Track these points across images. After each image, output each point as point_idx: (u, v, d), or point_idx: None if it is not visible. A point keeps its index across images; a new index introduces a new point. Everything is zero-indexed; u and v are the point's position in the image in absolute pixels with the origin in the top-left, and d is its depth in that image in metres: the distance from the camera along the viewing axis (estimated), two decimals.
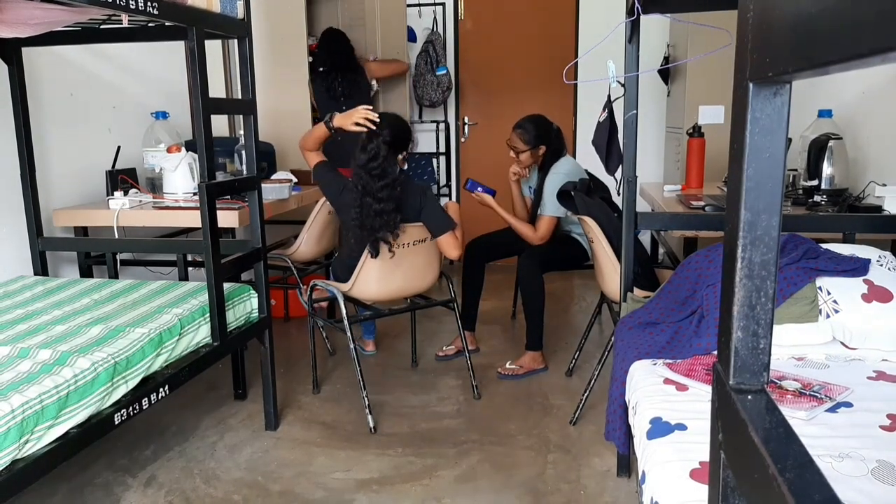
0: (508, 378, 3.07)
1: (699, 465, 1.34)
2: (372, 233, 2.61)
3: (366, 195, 2.59)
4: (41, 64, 2.91)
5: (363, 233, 2.63)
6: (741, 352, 0.65)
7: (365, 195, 2.59)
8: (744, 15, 0.60)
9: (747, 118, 0.60)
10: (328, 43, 4.19)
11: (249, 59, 2.39)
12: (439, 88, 4.99)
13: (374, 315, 3.01)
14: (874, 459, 1.34)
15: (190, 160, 3.05)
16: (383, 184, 2.58)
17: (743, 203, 0.61)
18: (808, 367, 1.83)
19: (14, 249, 2.78)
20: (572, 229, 3.25)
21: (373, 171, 2.59)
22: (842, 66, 0.43)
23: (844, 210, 2.65)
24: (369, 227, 2.61)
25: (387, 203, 2.58)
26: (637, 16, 2.06)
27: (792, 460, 0.53)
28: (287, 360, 3.30)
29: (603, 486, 2.20)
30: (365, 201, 2.59)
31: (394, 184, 2.60)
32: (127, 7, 1.77)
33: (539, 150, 3.18)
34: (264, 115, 3.10)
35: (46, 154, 2.94)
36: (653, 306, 2.15)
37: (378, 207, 2.58)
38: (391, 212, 2.59)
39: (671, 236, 3.64)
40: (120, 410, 1.87)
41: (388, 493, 2.20)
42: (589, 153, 3.26)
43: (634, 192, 2.28)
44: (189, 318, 2.25)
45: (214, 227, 2.24)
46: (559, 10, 5.09)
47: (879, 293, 1.92)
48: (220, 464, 2.38)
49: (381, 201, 2.57)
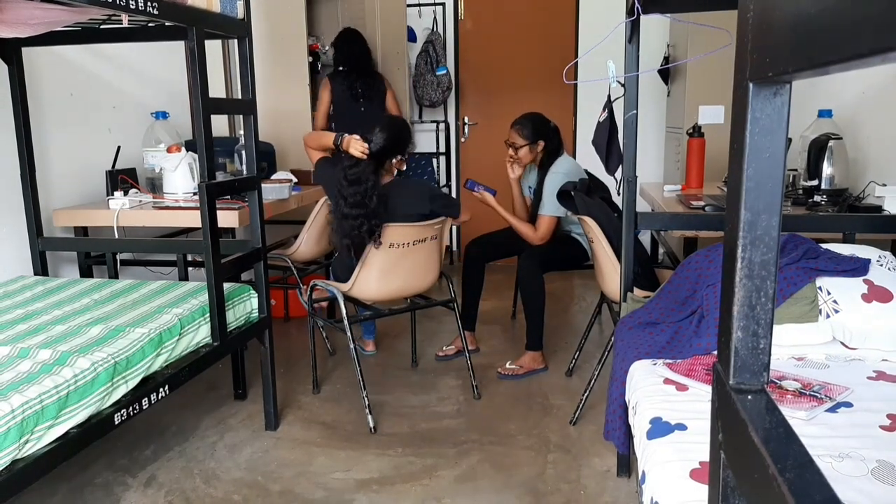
0: (508, 378, 3.07)
1: (699, 465, 1.34)
2: (342, 236, 2.66)
3: (339, 198, 2.65)
4: (41, 64, 2.91)
5: (336, 235, 2.70)
6: (741, 352, 0.65)
7: (339, 197, 2.65)
8: (744, 15, 0.60)
9: (747, 118, 0.60)
10: (348, 44, 4.15)
11: (249, 59, 2.39)
12: (439, 88, 4.99)
13: (374, 315, 3.01)
14: (874, 459, 1.34)
15: (190, 160, 3.05)
16: (354, 190, 2.61)
17: (743, 203, 0.61)
18: (808, 367, 1.83)
19: (14, 249, 2.78)
20: (572, 229, 3.25)
21: (350, 176, 2.64)
22: (842, 66, 0.43)
23: (844, 210, 2.65)
24: (339, 230, 2.66)
25: (356, 209, 2.60)
26: (637, 16, 2.06)
27: (792, 460, 0.53)
28: (287, 360, 3.30)
29: (603, 486, 2.20)
30: (339, 203, 2.65)
31: (366, 192, 2.61)
32: (127, 7, 1.77)
33: (538, 146, 3.18)
34: (264, 115, 3.10)
35: (46, 154, 2.94)
36: (653, 306, 2.15)
37: (346, 212, 2.62)
38: (357, 217, 2.60)
39: (671, 236, 3.64)
40: (120, 410, 1.87)
41: (388, 493, 2.20)
42: (589, 153, 3.26)
43: (634, 192, 2.27)
44: (189, 318, 2.25)
45: (214, 227, 2.24)
46: (559, 10, 5.09)
47: (879, 293, 1.92)
48: (220, 464, 2.38)
49: (352, 206, 2.61)
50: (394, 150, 2.72)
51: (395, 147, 2.72)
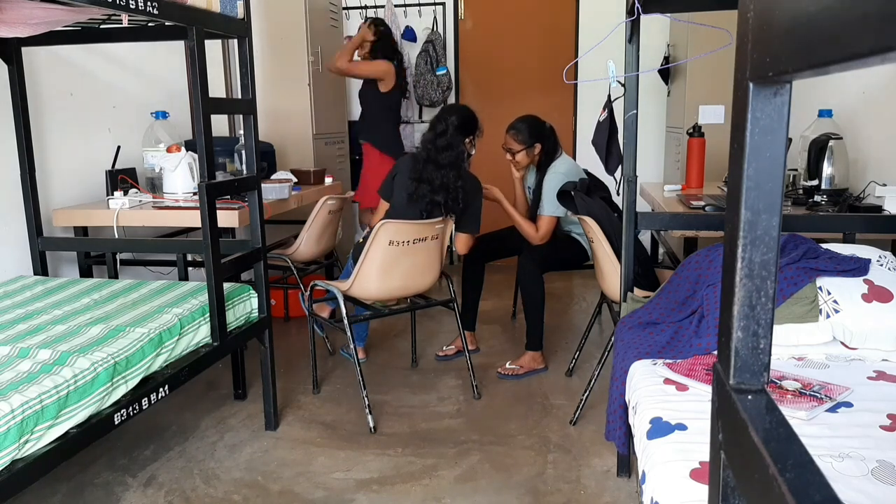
0: (508, 378, 3.07)
1: (699, 465, 1.34)
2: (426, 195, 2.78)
3: (427, 162, 2.80)
4: (41, 64, 2.91)
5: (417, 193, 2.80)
6: (741, 352, 0.64)
7: (427, 162, 2.80)
8: (744, 15, 0.60)
9: (747, 118, 0.60)
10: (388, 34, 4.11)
11: (249, 59, 2.39)
12: (439, 88, 4.99)
13: (373, 315, 3.01)
14: (874, 459, 1.34)
15: (190, 160, 3.05)
16: (448, 154, 2.79)
17: (743, 203, 0.61)
18: (808, 367, 1.83)
19: (14, 249, 2.78)
20: (572, 229, 3.25)
21: (439, 143, 2.81)
22: (842, 66, 0.43)
23: (844, 210, 2.65)
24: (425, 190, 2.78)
25: (448, 170, 2.77)
26: (637, 16, 2.06)
27: (792, 460, 0.53)
28: (287, 360, 3.29)
29: (603, 486, 2.20)
30: (427, 167, 2.80)
31: (458, 155, 2.80)
32: (127, 7, 1.77)
33: (535, 149, 3.18)
34: (264, 115, 3.11)
35: (46, 154, 2.95)
36: (653, 306, 2.15)
37: (440, 174, 2.76)
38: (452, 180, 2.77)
39: (671, 236, 3.64)
40: (120, 410, 1.87)
41: (388, 493, 2.20)
42: (589, 153, 3.26)
43: (634, 192, 2.27)
44: (189, 317, 2.25)
45: (214, 227, 2.24)
46: (559, 10, 5.09)
47: (879, 293, 1.92)
48: (220, 464, 2.38)
49: (442, 167, 2.76)
50: (466, 129, 2.88)
51: (466, 127, 2.89)
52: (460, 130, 2.86)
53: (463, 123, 2.87)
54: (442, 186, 2.77)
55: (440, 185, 2.77)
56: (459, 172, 2.80)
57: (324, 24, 4.44)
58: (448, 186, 2.76)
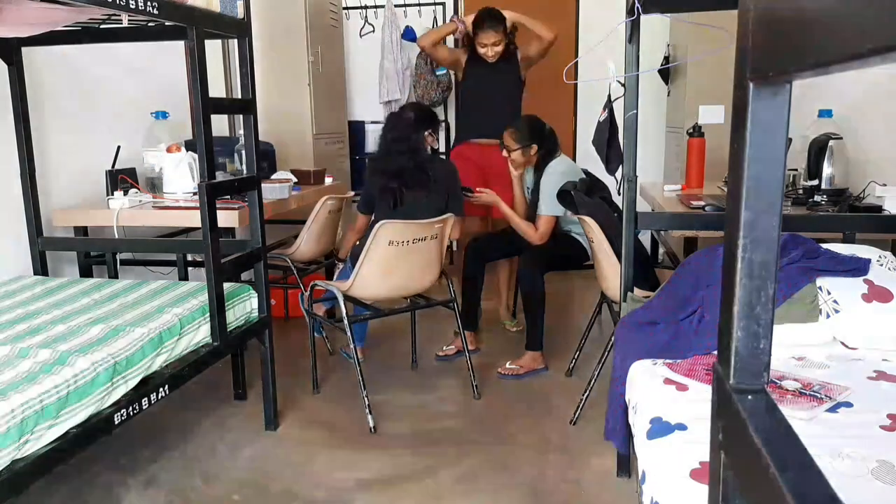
0: (508, 378, 3.07)
1: (699, 465, 1.34)
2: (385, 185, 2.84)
3: (384, 156, 2.92)
4: (41, 64, 2.91)
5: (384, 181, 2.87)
6: (741, 352, 0.64)
7: (385, 156, 2.92)
8: (744, 15, 0.60)
9: (747, 118, 0.60)
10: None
11: (249, 59, 2.39)
12: (439, 88, 4.99)
13: (373, 315, 3.01)
14: (874, 459, 1.34)
15: (190, 160, 3.05)
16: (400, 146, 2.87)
17: (743, 203, 0.61)
18: (808, 367, 1.83)
19: (14, 249, 2.78)
20: (572, 229, 3.25)
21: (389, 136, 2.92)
22: (842, 66, 0.43)
23: (844, 210, 2.65)
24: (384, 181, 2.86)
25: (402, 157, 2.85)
26: (637, 16, 2.06)
27: (792, 460, 0.53)
28: (287, 360, 3.29)
29: (603, 486, 2.20)
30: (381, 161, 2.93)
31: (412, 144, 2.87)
32: (127, 7, 1.77)
33: (531, 150, 3.18)
34: (264, 115, 3.11)
35: (46, 154, 2.94)
36: (653, 306, 2.15)
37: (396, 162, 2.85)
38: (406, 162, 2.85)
39: (671, 236, 3.64)
40: (120, 410, 1.87)
41: (388, 493, 2.20)
42: (589, 153, 3.26)
43: (634, 191, 2.27)
44: (189, 317, 2.25)
45: (214, 227, 2.24)
46: (559, 10, 5.09)
47: (879, 293, 1.92)
48: (220, 464, 2.38)
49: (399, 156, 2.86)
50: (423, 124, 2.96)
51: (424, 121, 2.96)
52: (417, 124, 2.93)
53: (419, 119, 2.94)
54: (396, 173, 2.85)
55: (395, 171, 2.85)
56: (416, 158, 2.87)
57: (324, 24, 4.44)
58: (403, 171, 2.85)
